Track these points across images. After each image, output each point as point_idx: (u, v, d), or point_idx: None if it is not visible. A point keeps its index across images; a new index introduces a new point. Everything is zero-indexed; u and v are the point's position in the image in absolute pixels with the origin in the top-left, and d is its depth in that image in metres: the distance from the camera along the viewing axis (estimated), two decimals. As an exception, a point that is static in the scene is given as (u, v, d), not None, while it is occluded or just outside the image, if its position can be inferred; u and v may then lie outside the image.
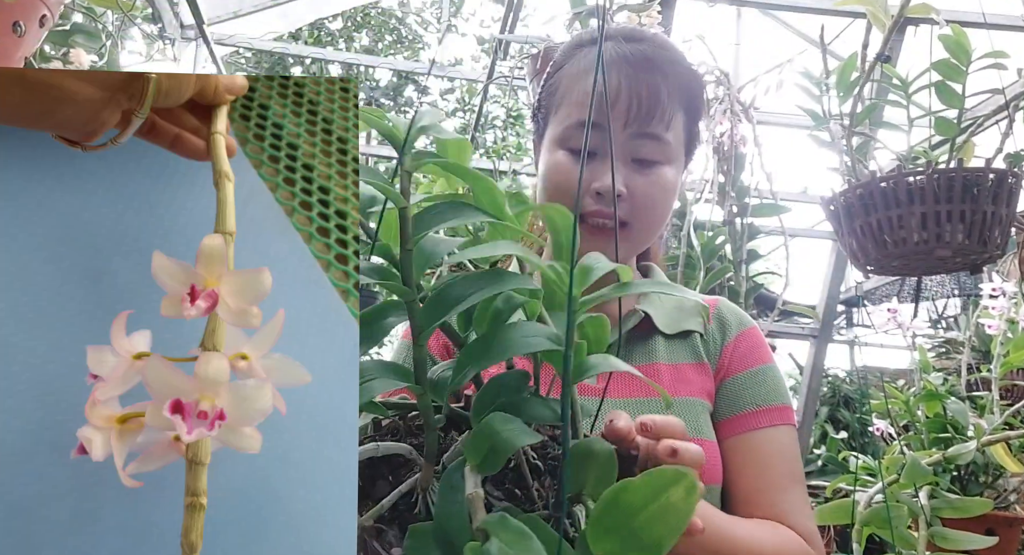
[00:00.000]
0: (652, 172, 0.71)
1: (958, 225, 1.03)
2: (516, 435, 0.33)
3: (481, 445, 0.33)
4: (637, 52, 0.72)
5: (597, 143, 0.71)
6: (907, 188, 1.05)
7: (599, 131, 0.70)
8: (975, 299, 2.08)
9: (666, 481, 0.29)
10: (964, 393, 1.49)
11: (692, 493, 0.29)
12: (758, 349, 0.77)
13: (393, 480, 0.39)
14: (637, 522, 0.29)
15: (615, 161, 0.70)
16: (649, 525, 0.29)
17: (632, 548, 0.29)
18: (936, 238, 1.04)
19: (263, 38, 2.52)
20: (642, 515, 0.29)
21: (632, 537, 0.29)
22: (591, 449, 0.35)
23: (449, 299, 0.35)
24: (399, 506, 0.37)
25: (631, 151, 0.71)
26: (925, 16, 1.17)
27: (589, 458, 0.35)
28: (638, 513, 0.29)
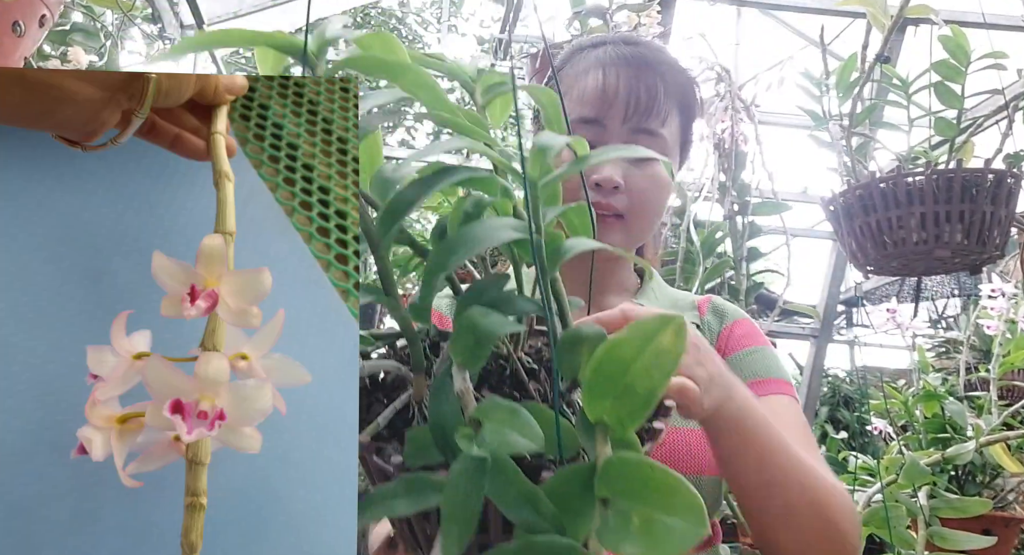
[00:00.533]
0: (649, 166, 0.74)
1: (957, 226, 1.03)
2: (497, 325, 0.32)
3: (464, 340, 0.32)
4: (636, 53, 0.75)
5: (594, 138, 0.73)
6: (906, 189, 1.05)
7: (597, 126, 0.73)
8: (975, 299, 2.08)
9: (654, 328, 0.28)
10: (963, 393, 1.49)
11: (681, 335, 0.28)
12: (755, 334, 0.78)
13: (388, 402, 0.39)
14: (630, 376, 0.28)
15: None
16: (643, 376, 0.28)
17: (628, 405, 0.29)
18: (935, 239, 1.04)
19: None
20: (634, 367, 0.28)
21: (627, 393, 0.29)
22: (581, 334, 0.34)
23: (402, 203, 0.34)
24: (396, 423, 0.37)
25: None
26: (924, 16, 1.17)
27: (580, 343, 0.34)
28: (630, 366, 0.28)
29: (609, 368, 0.29)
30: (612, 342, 0.29)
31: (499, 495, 0.28)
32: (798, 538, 0.60)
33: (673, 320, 0.28)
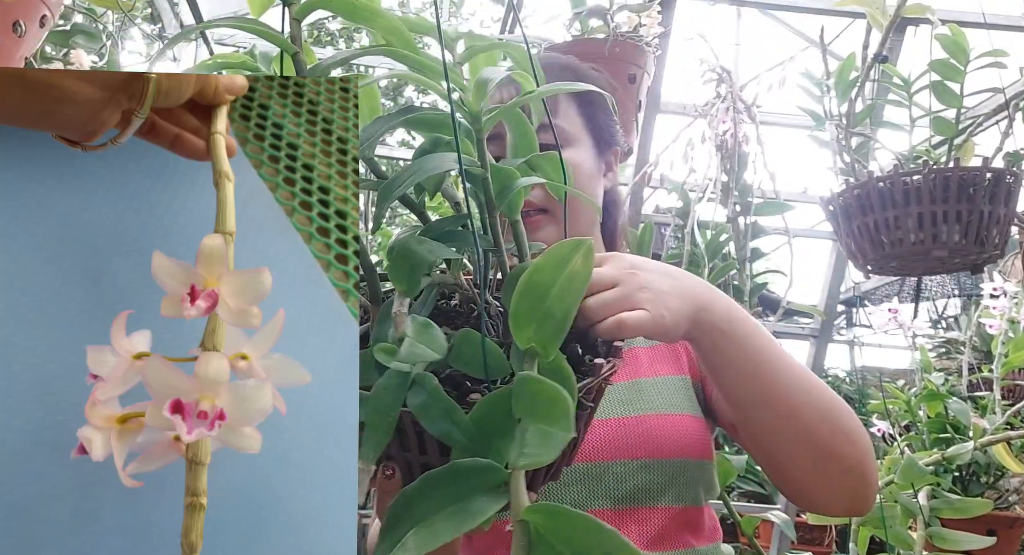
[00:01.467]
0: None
1: (954, 225, 1.03)
2: (430, 252, 0.35)
3: (400, 266, 0.35)
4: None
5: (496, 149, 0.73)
6: (904, 188, 1.05)
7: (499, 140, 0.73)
8: (976, 299, 2.08)
9: (566, 252, 0.31)
10: (965, 393, 1.49)
11: (589, 257, 0.31)
12: None
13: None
14: (549, 300, 0.31)
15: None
16: (560, 299, 0.31)
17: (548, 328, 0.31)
18: (932, 238, 1.04)
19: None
20: (552, 291, 0.31)
21: (547, 317, 0.31)
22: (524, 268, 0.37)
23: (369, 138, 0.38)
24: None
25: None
26: (922, 16, 1.17)
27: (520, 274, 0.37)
28: (549, 289, 0.31)
29: (531, 295, 0.31)
30: (531, 268, 0.31)
31: (421, 410, 0.31)
32: (808, 450, 0.56)
33: (583, 244, 0.31)
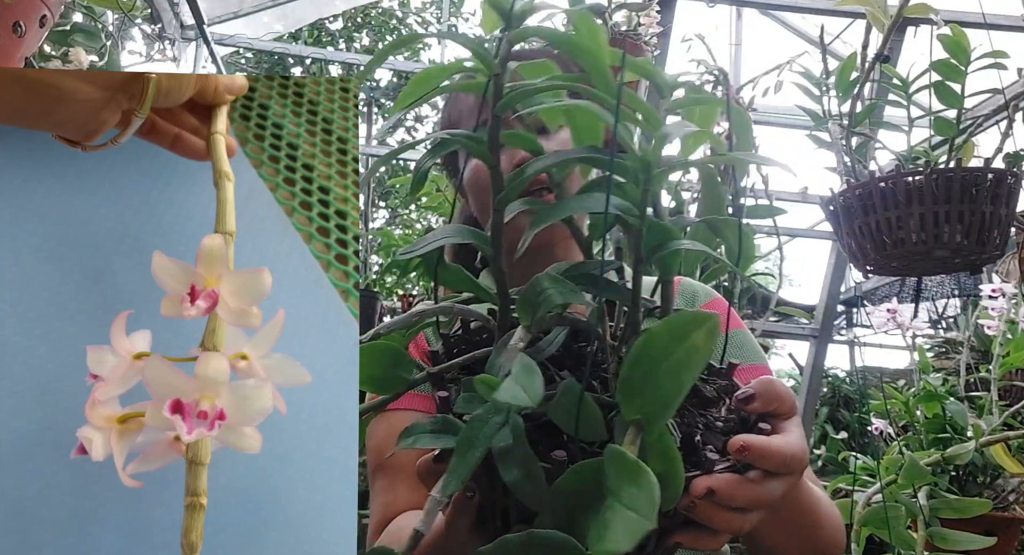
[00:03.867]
0: (553, 137, 0.75)
1: (956, 226, 1.03)
2: (559, 294, 0.35)
3: (529, 299, 0.35)
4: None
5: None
6: (905, 188, 1.05)
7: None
8: (975, 299, 2.08)
9: (688, 325, 0.29)
10: (963, 393, 1.49)
11: (713, 335, 0.29)
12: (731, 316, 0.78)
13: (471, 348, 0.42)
14: (661, 371, 0.29)
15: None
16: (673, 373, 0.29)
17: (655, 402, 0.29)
18: (934, 239, 1.04)
19: (263, 38, 2.52)
20: (666, 363, 0.29)
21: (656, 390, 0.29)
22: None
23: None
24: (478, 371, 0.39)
25: (532, 128, 0.76)
26: (924, 16, 1.17)
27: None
28: (662, 362, 0.29)
29: (643, 364, 0.29)
30: (646, 335, 0.29)
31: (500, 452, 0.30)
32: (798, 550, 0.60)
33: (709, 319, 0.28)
